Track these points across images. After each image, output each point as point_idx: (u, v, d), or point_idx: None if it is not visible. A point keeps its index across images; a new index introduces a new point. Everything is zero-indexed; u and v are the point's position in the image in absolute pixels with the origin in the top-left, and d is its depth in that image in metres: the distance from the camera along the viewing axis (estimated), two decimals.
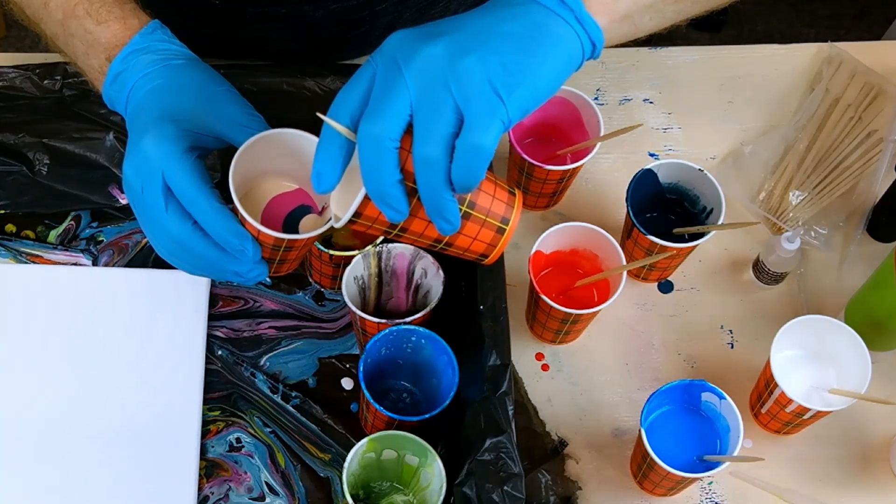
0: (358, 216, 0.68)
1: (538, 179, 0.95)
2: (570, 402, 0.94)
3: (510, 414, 0.82)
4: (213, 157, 0.92)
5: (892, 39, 1.50)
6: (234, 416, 0.91)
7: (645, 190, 0.95)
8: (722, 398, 0.85)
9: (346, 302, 0.85)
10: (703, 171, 0.93)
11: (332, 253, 0.88)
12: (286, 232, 0.78)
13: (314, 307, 0.96)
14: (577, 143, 0.97)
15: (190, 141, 0.72)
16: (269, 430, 0.90)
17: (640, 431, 0.84)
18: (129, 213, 0.97)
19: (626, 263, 0.89)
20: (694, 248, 0.93)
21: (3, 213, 0.96)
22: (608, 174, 1.04)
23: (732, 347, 0.97)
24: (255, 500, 0.88)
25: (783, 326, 0.89)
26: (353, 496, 0.81)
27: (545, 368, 0.96)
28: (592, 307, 0.88)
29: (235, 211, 0.72)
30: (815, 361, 0.92)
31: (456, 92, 0.63)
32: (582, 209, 1.02)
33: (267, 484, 0.88)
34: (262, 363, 0.93)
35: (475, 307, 0.86)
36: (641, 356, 0.97)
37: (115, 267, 0.95)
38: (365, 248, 0.87)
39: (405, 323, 0.84)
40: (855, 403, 0.87)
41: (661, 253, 0.91)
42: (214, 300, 0.95)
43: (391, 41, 0.66)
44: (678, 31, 0.81)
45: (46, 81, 0.97)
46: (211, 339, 0.94)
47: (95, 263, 0.96)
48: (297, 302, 0.96)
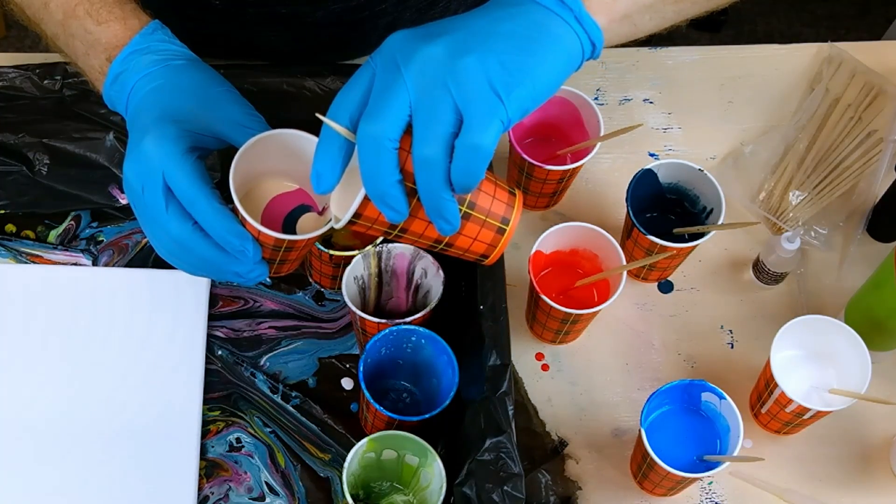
0: (358, 217, 0.68)
1: (538, 179, 0.95)
2: (570, 402, 0.94)
3: (510, 414, 0.82)
4: (213, 157, 0.92)
5: (892, 39, 1.51)
6: (234, 416, 0.91)
7: (645, 190, 0.95)
8: (722, 398, 0.85)
9: (346, 302, 0.85)
10: (703, 171, 0.93)
11: (332, 253, 0.88)
12: (286, 232, 0.78)
13: (314, 307, 0.96)
14: (577, 143, 0.97)
15: (190, 141, 0.72)
16: (269, 430, 0.90)
17: (640, 431, 0.84)
18: (129, 213, 0.97)
19: (626, 263, 0.89)
20: (694, 248, 0.93)
21: (3, 213, 0.96)
22: (608, 174, 1.04)
23: (732, 347, 0.97)
24: (255, 500, 0.88)
25: (783, 326, 0.89)
26: (353, 496, 0.81)
27: (545, 368, 0.96)
28: (592, 307, 0.88)
29: (236, 211, 0.72)
30: (815, 361, 0.91)
31: (455, 92, 0.63)
32: (582, 209, 1.02)
33: (267, 484, 0.88)
34: (262, 363, 0.93)
35: (475, 307, 0.86)
36: (641, 356, 0.97)
37: (115, 267, 0.95)
38: (365, 248, 0.87)
39: (405, 323, 0.84)
40: (855, 403, 0.87)
41: (661, 253, 0.91)
42: (214, 300, 0.95)
43: (390, 41, 0.66)
44: (678, 31, 0.81)
45: (46, 81, 0.97)
46: (211, 339, 0.94)
47: (95, 263, 0.96)
48: (297, 302, 0.96)
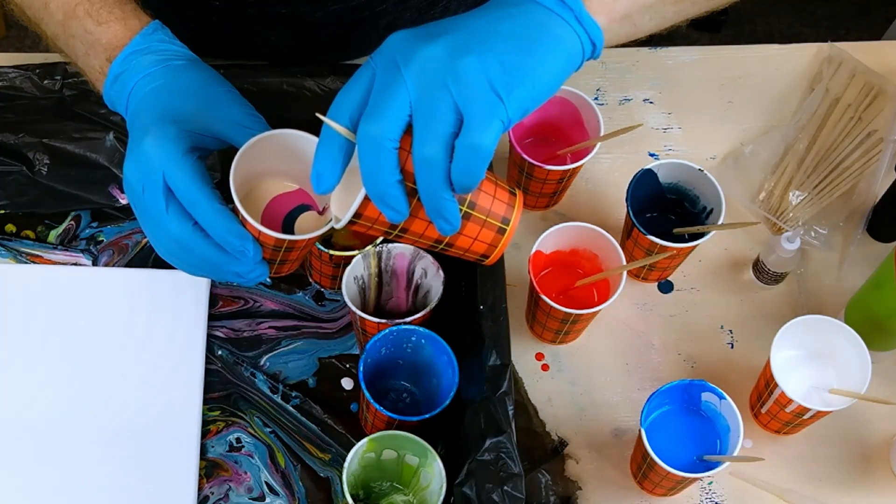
0: (358, 217, 0.68)
1: (538, 179, 0.95)
2: (570, 402, 0.94)
3: (510, 414, 0.82)
4: (213, 157, 0.92)
5: (892, 39, 1.51)
6: (234, 416, 0.91)
7: (645, 190, 0.95)
8: (722, 398, 0.85)
9: (346, 302, 0.85)
10: (703, 171, 0.93)
11: (332, 253, 0.88)
12: (285, 232, 0.78)
13: (314, 307, 0.96)
14: (577, 143, 0.97)
15: (190, 142, 0.73)
16: (269, 430, 0.90)
17: (640, 431, 0.84)
18: (129, 213, 0.97)
19: (626, 263, 0.89)
20: (694, 248, 0.93)
21: (3, 213, 0.96)
22: (608, 174, 1.04)
23: (732, 347, 0.97)
24: (255, 500, 0.88)
25: (783, 326, 0.89)
26: (353, 496, 0.81)
27: (545, 368, 0.96)
28: (592, 307, 0.88)
29: (236, 211, 0.72)
30: (815, 361, 0.91)
31: (455, 92, 0.63)
32: (582, 209, 1.02)
33: (267, 484, 0.88)
34: (262, 363, 0.93)
35: (475, 307, 0.86)
36: (641, 356, 0.97)
37: (115, 267, 0.95)
38: (365, 248, 0.87)
39: (405, 323, 0.84)
40: (855, 403, 0.87)
41: (661, 253, 0.91)
42: (214, 300, 0.95)
43: (390, 42, 0.66)
44: (678, 31, 0.81)
45: (46, 81, 0.97)
46: (211, 339, 0.94)
47: (95, 263, 0.96)
48: (297, 302, 0.96)
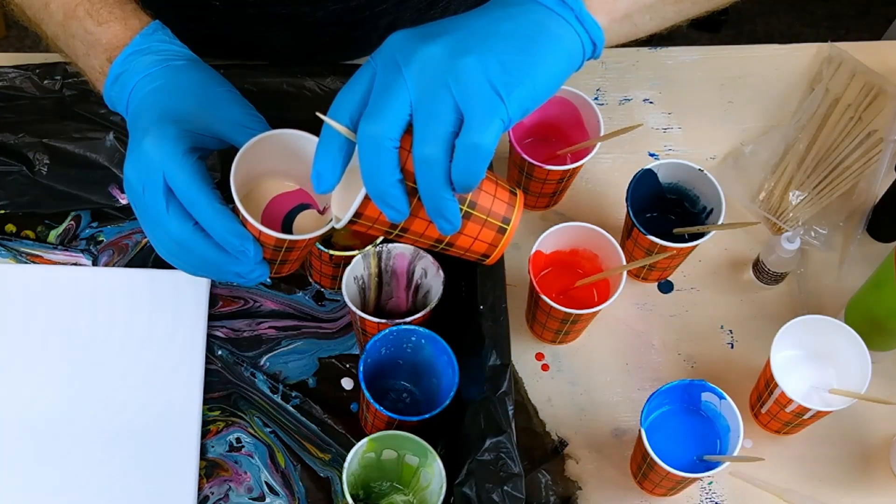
0: (358, 216, 0.68)
1: (538, 179, 0.95)
2: (570, 402, 0.94)
3: (510, 414, 0.82)
4: (213, 157, 0.92)
5: (892, 39, 1.50)
6: (234, 416, 0.91)
7: (645, 190, 0.95)
8: (722, 398, 0.85)
9: (346, 302, 0.85)
10: (703, 171, 0.93)
11: (332, 253, 0.88)
12: (285, 231, 0.78)
13: (314, 307, 0.96)
14: (577, 143, 0.97)
15: (191, 142, 0.73)
16: (269, 430, 0.90)
17: (640, 431, 0.84)
18: (129, 213, 0.97)
19: (626, 263, 0.89)
20: (694, 248, 0.93)
21: (3, 213, 0.96)
22: (608, 174, 1.04)
23: (732, 347, 0.97)
24: (255, 500, 0.88)
25: (783, 326, 0.89)
26: (353, 496, 0.81)
27: (545, 368, 0.96)
28: (592, 307, 0.88)
29: (236, 211, 0.72)
30: (815, 361, 0.91)
31: (455, 91, 0.63)
32: (582, 209, 1.02)
33: (267, 484, 0.88)
34: (262, 363, 0.93)
35: (475, 307, 0.86)
36: (641, 356, 0.97)
37: (115, 267, 0.95)
38: (365, 248, 0.87)
39: (405, 323, 0.84)
40: (855, 403, 0.87)
41: (661, 253, 0.91)
42: (214, 300, 0.95)
43: (391, 41, 0.66)
44: (678, 31, 0.81)
45: (46, 81, 0.97)
46: (211, 339, 0.93)
47: (95, 263, 0.96)
48: (297, 302, 0.96)
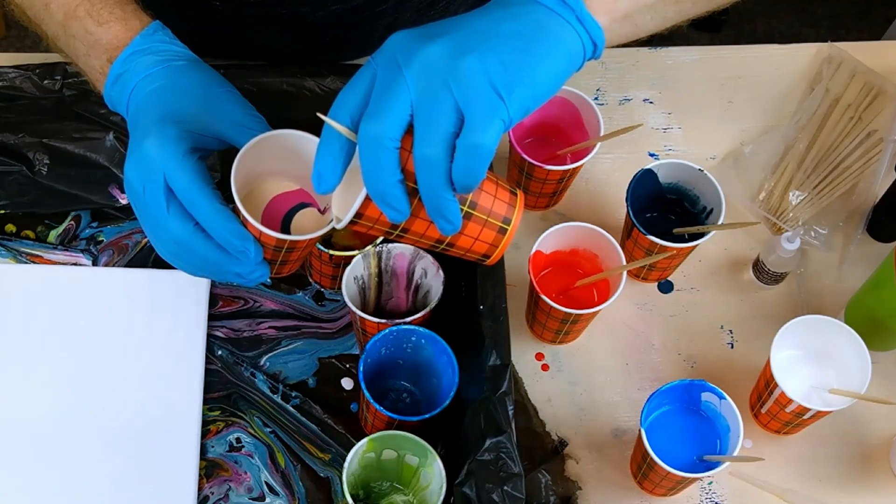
0: (359, 217, 0.68)
1: (538, 179, 0.95)
2: (570, 402, 0.94)
3: (510, 414, 0.82)
4: (213, 157, 0.92)
5: (892, 39, 1.51)
6: (234, 416, 0.91)
7: (645, 190, 0.95)
8: (722, 398, 0.85)
9: (346, 302, 0.85)
10: (703, 171, 0.93)
11: (332, 253, 0.88)
12: (284, 229, 0.78)
13: (314, 307, 0.96)
14: (577, 143, 0.97)
15: (191, 142, 0.73)
16: (269, 430, 0.90)
17: (640, 431, 0.84)
18: (129, 213, 0.97)
19: (626, 263, 0.89)
20: (694, 248, 0.93)
21: (3, 213, 0.96)
22: (608, 174, 1.04)
23: (732, 347, 0.97)
24: (255, 500, 0.88)
25: (783, 326, 0.89)
26: (353, 496, 0.81)
27: (545, 368, 0.96)
28: (592, 307, 0.88)
29: (237, 212, 0.72)
30: (815, 361, 0.91)
31: (456, 91, 0.63)
32: (582, 209, 1.02)
33: (267, 484, 0.88)
34: (262, 363, 0.93)
35: (475, 307, 0.86)
36: (641, 356, 0.97)
37: (115, 267, 0.95)
38: (365, 248, 0.87)
39: (405, 323, 0.84)
40: (855, 403, 0.87)
41: (661, 253, 0.91)
42: (214, 300, 0.95)
43: (391, 41, 0.66)
44: (678, 30, 0.81)
45: (46, 81, 0.97)
46: (211, 339, 0.93)
47: (95, 263, 0.96)
48: (297, 302, 0.96)
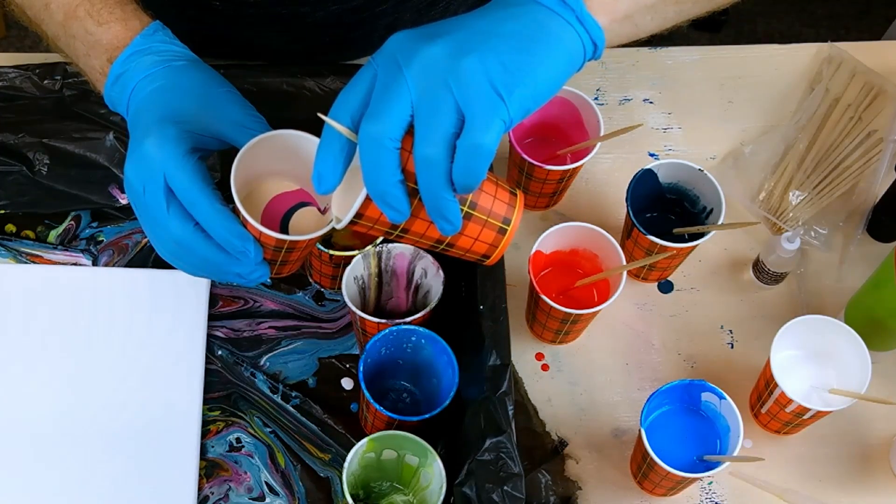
0: (359, 217, 0.68)
1: (538, 179, 0.95)
2: (570, 402, 0.94)
3: (510, 414, 0.82)
4: (213, 157, 0.92)
5: (892, 39, 1.51)
6: (234, 416, 0.91)
7: (645, 190, 0.95)
8: (722, 398, 0.85)
9: (346, 302, 0.85)
10: (703, 171, 0.93)
11: (332, 253, 0.88)
12: (283, 229, 0.78)
13: (314, 307, 0.96)
14: (577, 143, 0.97)
15: (191, 142, 0.73)
16: (269, 430, 0.90)
17: (640, 431, 0.84)
18: (129, 213, 0.97)
19: (626, 263, 0.89)
20: (694, 248, 0.93)
21: (3, 213, 0.96)
22: (608, 174, 1.04)
23: (732, 347, 0.97)
24: (255, 500, 0.88)
25: (783, 326, 0.89)
26: (353, 496, 0.81)
27: (545, 368, 0.96)
28: (592, 307, 0.88)
29: (237, 212, 0.72)
30: (815, 361, 0.91)
31: (457, 92, 0.63)
32: (582, 209, 1.02)
33: (267, 484, 0.88)
34: (262, 363, 0.93)
35: (475, 307, 0.86)
36: (641, 356, 0.97)
37: (115, 267, 0.95)
38: (365, 248, 0.87)
39: (405, 323, 0.84)
40: (855, 403, 0.87)
41: (661, 253, 0.91)
42: (214, 300, 0.95)
43: (392, 42, 0.66)
44: (678, 31, 0.81)
45: (46, 81, 0.97)
46: (211, 339, 0.93)
47: (95, 263, 0.96)
48: (297, 302, 0.96)
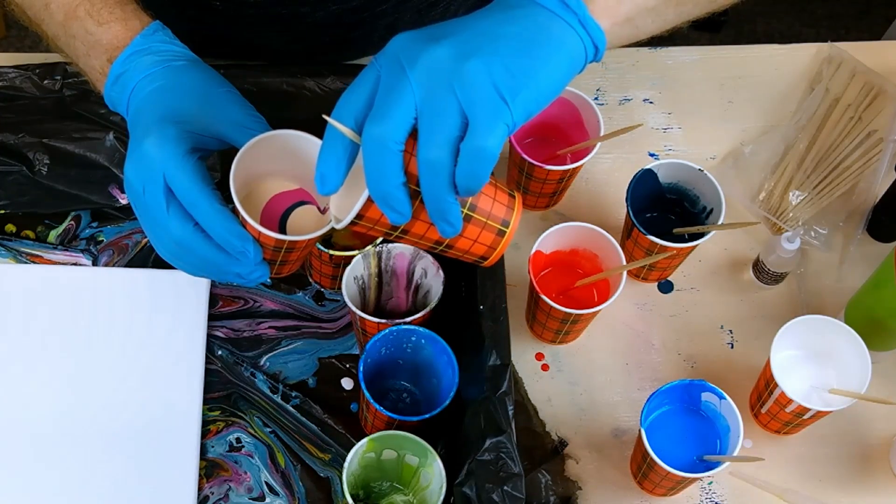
0: (360, 218, 0.68)
1: (538, 179, 0.95)
2: (570, 402, 0.94)
3: (510, 414, 0.82)
4: (213, 157, 0.92)
5: (892, 39, 1.51)
6: (234, 416, 0.91)
7: (645, 190, 0.95)
8: (722, 398, 0.85)
9: (346, 302, 0.85)
10: (703, 171, 0.94)
11: (332, 253, 0.88)
12: (282, 228, 0.78)
13: (314, 307, 0.96)
14: (577, 143, 0.97)
15: (191, 142, 0.73)
16: (269, 430, 0.90)
17: (640, 431, 0.84)
18: (129, 213, 0.97)
19: (626, 263, 0.89)
20: (694, 248, 0.93)
21: (3, 213, 0.96)
22: (608, 174, 1.04)
23: (732, 347, 0.97)
24: (255, 500, 0.88)
25: (783, 326, 0.89)
26: (353, 496, 0.81)
27: (545, 368, 0.96)
28: (592, 307, 0.88)
29: (236, 212, 0.72)
30: (815, 361, 0.92)
31: (461, 95, 0.63)
32: (582, 209, 1.02)
33: (267, 484, 0.88)
34: (262, 363, 0.93)
35: (475, 307, 0.86)
36: (641, 356, 0.97)
37: (115, 267, 0.95)
38: (365, 248, 0.87)
39: (405, 323, 0.84)
40: (855, 403, 0.87)
41: (661, 253, 0.91)
42: (214, 300, 0.95)
43: (395, 43, 0.66)
44: (678, 31, 0.81)
45: (46, 81, 0.97)
46: (211, 339, 0.93)
47: (95, 263, 0.95)
48: (297, 302, 0.96)
